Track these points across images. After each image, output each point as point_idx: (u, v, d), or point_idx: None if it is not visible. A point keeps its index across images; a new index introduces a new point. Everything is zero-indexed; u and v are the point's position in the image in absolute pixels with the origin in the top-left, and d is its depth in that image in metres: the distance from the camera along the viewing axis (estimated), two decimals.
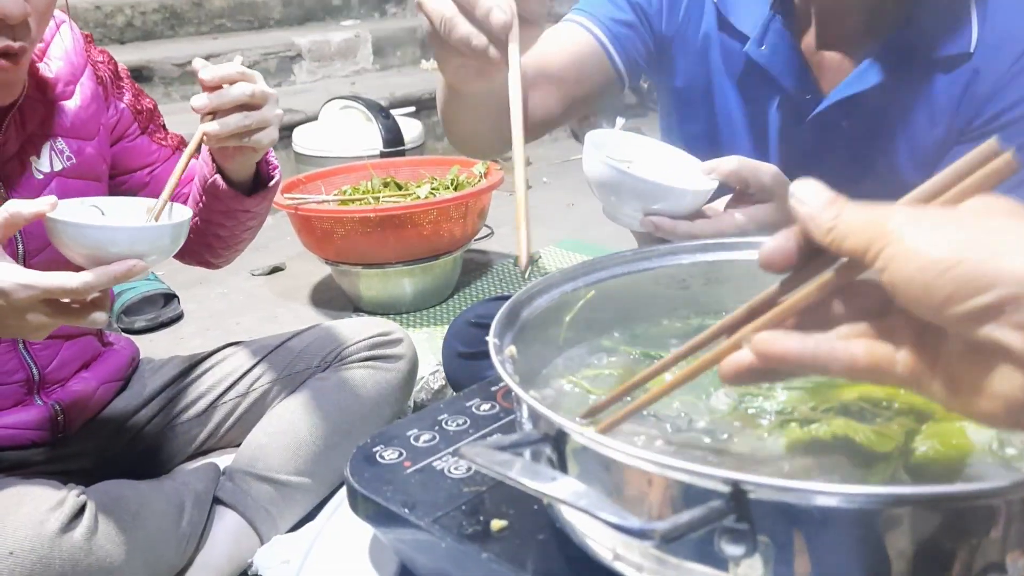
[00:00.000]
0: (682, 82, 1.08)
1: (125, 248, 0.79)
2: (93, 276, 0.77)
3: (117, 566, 0.93)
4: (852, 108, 0.95)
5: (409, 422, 0.72)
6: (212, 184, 1.06)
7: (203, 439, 1.25)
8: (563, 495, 0.39)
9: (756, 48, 0.98)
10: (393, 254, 2.02)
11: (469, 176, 2.20)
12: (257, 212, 1.12)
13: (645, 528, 0.38)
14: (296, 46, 3.69)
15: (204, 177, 1.08)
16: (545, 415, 0.47)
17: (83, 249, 0.79)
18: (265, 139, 0.97)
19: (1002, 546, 0.42)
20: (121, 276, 0.78)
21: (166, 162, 1.18)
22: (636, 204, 0.82)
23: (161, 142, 1.18)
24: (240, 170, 1.06)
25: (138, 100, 1.17)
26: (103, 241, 0.79)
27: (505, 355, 0.56)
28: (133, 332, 2.07)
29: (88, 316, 0.82)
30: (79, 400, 1.14)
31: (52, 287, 0.77)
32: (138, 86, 1.18)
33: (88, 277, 0.77)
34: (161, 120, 1.21)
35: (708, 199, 0.85)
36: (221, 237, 1.15)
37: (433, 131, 3.41)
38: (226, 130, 0.93)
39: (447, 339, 1.24)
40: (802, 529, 0.42)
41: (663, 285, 0.72)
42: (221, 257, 1.21)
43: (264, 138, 0.97)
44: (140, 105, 1.16)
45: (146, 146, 1.17)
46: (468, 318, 1.23)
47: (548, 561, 0.53)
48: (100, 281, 0.78)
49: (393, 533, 0.62)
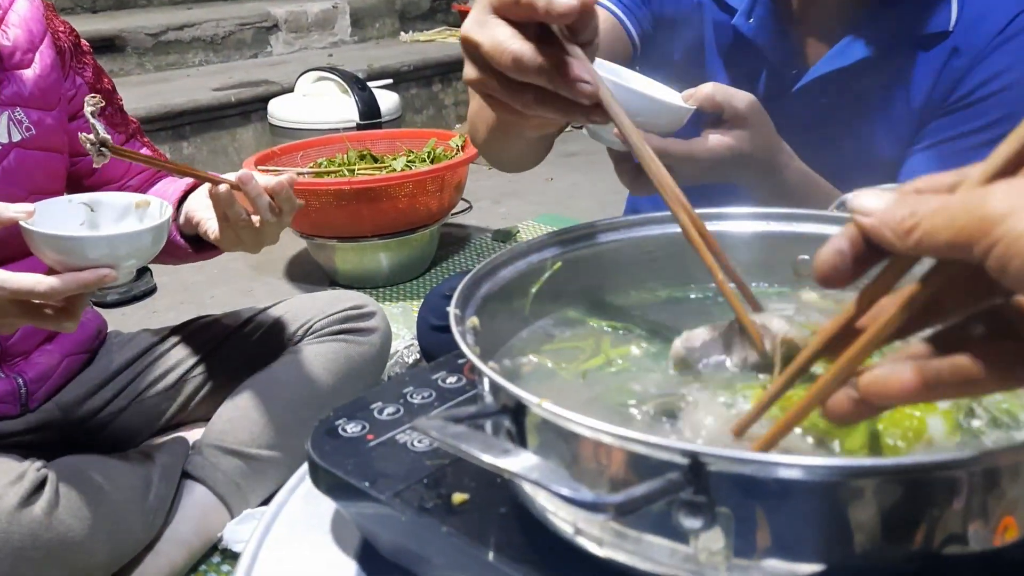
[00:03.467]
0: (678, 54, 1.09)
1: (104, 254, 0.79)
2: (60, 282, 0.78)
3: (79, 540, 0.92)
4: (834, 82, 0.97)
5: (373, 395, 0.70)
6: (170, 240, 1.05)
7: (172, 413, 1.24)
8: (515, 468, 0.38)
9: (744, 21, 0.99)
10: (369, 227, 2.00)
11: (446, 149, 2.17)
12: (205, 258, 1.13)
13: (598, 501, 0.37)
14: (272, 16, 3.62)
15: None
16: (504, 387, 0.46)
17: (58, 256, 0.79)
18: (233, 249, 0.96)
19: (964, 518, 0.41)
20: (91, 284, 0.78)
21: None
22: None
23: (117, 126, 1.15)
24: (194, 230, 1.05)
25: (98, 79, 1.13)
26: (77, 249, 0.79)
27: (466, 326, 0.55)
28: (105, 305, 2.04)
29: (60, 322, 0.83)
30: (43, 373, 1.12)
31: (20, 289, 0.77)
32: (99, 65, 1.15)
33: (55, 283, 0.78)
34: (119, 103, 1.17)
35: (686, 121, 0.84)
36: (166, 262, 1.15)
37: (411, 104, 3.37)
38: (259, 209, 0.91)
39: (421, 312, 1.24)
40: (763, 502, 0.41)
41: (631, 257, 0.70)
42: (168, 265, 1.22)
43: (233, 249, 0.96)
44: (99, 85, 1.13)
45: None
46: (443, 291, 1.23)
47: (509, 535, 0.52)
48: (67, 287, 0.78)
49: (354, 507, 0.61)
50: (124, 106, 1.19)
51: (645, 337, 0.64)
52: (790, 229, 0.70)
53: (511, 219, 2.59)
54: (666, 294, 0.71)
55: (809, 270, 0.70)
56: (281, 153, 2.20)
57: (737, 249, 0.71)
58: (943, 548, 0.42)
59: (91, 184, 1.14)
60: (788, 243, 0.70)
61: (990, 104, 0.93)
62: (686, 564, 0.43)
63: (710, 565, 0.42)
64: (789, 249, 0.70)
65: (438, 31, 4.22)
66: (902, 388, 0.36)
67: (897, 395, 0.37)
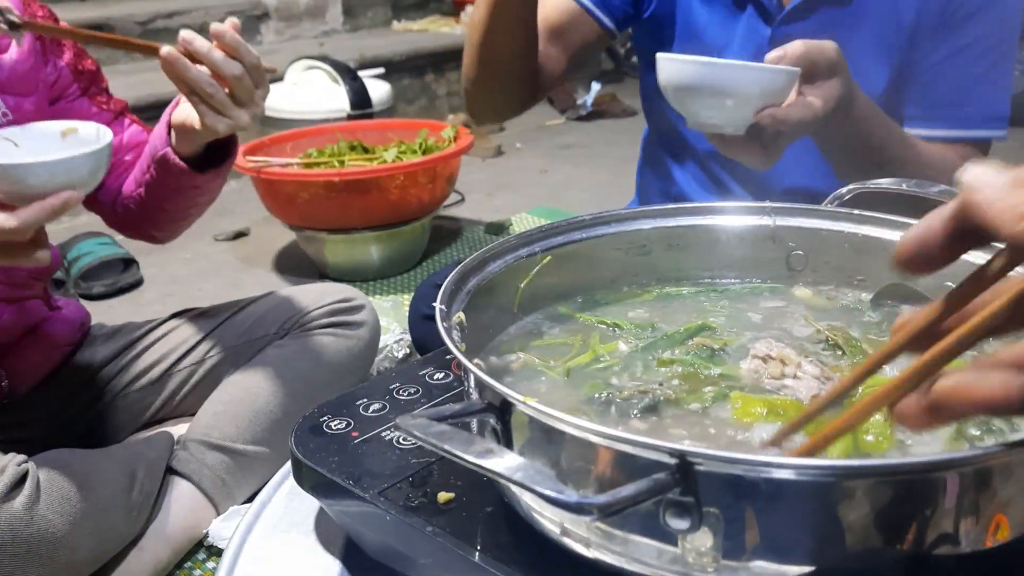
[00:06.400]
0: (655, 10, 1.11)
1: (45, 181, 0.76)
2: (30, 213, 0.76)
3: (61, 536, 0.90)
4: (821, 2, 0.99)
5: (359, 391, 0.69)
6: (163, 158, 1.02)
7: (157, 408, 1.22)
8: (498, 468, 0.37)
9: None
10: (359, 219, 1.98)
11: (438, 140, 2.15)
12: (208, 189, 1.08)
13: (583, 502, 0.36)
14: (263, 5, 3.58)
15: (155, 150, 1.03)
16: (489, 384, 0.45)
17: (3, 186, 0.77)
18: (220, 125, 0.93)
19: (955, 518, 0.41)
20: (59, 209, 0.77)
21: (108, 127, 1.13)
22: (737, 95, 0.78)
23: (102, 105, 1.13)
24: (195, 145, 1.01)
25: (79, 60, 1.11)
26: (19, 177, 0.76)
27: (452, 322, 0.54)
28: (91, 298, 2.02)
29: (31, 255, 0.80)
30: (25, 366, 1.10)
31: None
32: (81, 47, 1.13)
33: (25, 214, 0.76)
34: (104, 83, 1.15)
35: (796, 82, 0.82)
36: (167, 211, 1.11)
37: (403, 94, 3.34)
38: (184, 74, 0.88)
39: (414, 302, 1.24)
40: (752, 503, 0.40)
41: (623, 251, 0.70)
42: (166, 231, 1.17)
43: (219, 124, 0.92)
44: (81, 65, 1.11)
45: (86, 109, 1.11)
46: (436, 281, 1.22)
47: (495, 535, 0.51)
48: (39, 217, 0.76)
49: (339, 506, 0.60)
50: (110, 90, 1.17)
51: (635, 333, 0.63)
52: (783, 223, 0.69)
53: (504, 212, 2.57)
54: (659, 290, 0.70)
55: (802, 264, 0.70)
56: (270, 143, 2.18)
57: (730, 244, 0.70)
58: (934, 548, 0.41)
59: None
60: (781, 237, 0.69)
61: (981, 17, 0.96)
62: (674, 565, 0.42)
63: (698, 566, 0.41)
64: (782, 243, 0.69)
65: (431, 20, 4.18)
66: (986, 401, 0.33)
67: (980, 406, 0.34)
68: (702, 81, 0.78)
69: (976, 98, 1.02)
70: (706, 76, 0.78)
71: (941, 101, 1.02)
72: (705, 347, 0.59)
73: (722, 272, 0.71)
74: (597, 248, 0.69)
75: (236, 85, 0.90)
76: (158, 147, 1.02)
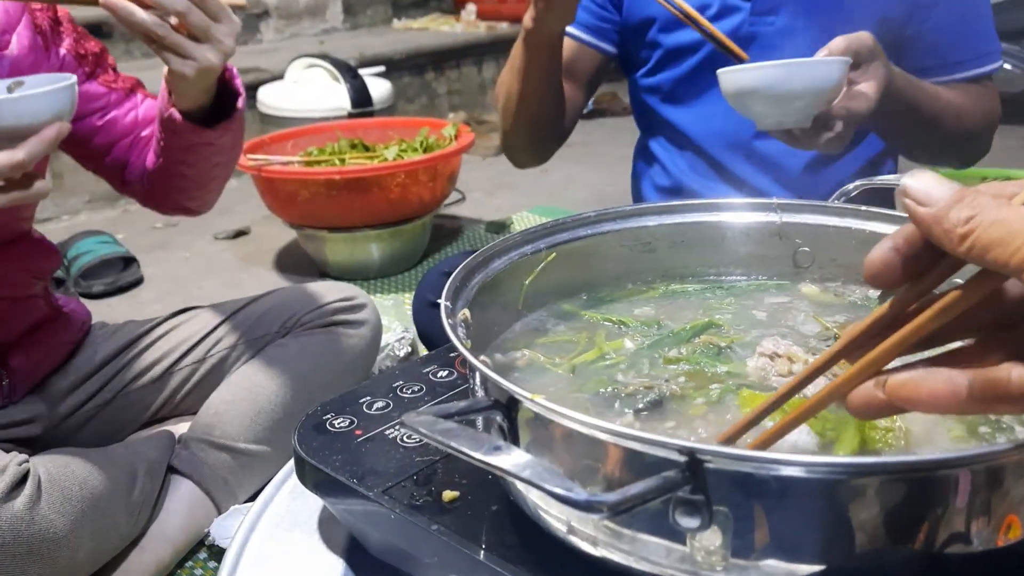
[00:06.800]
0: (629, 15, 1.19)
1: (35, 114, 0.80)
2: (33, 144, 0.79)
3: (62, 536, 0.90)
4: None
5: (362, 389, 0.69)
6: (169, 118, 1.01)
7: (158, 407, 1.22)
8: (506, 465, 0.37)
9: None
10: (360, 218, 1.98)
11: (439, 138, 2.15)
12: (221, 146, 1.06)
13: (592, 500, 0.35)
14: (263, 3, 3.58)
15: (161, 111, 1.03)
16: (495, 381, 0.45)
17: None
18: (187, 68, 0.91)
19: (966, 517, 0.40)
20: (52, 140, 0.80)
21: (120, 105, 1.13)
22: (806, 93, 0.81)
23: (111, 84, 1.12)
24: (189, 98, 1.00)
25: (80, 44, 1.10)
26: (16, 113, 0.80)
27: (457, 319, 0.53)
28: (91, 296, 2.01)
29: (32, 188, 0.83)
30: (26, 365, 1.10)
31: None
32: (82, 29, 1.12)
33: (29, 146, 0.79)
34: (111, 62, 1.15)
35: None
36: (187, 176, 1.10)
37: (404, 92, 3.34)
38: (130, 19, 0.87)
39: (419, 291, 1.25)
40: (762, 501, 0.40)
41: (628, 248, 0.69)
42: (196, 199, 1.16)
43: (185, 67, 0.91)
44: (83, 49, 1.10)
45: (94, 90, 1.11)
46: (443, 269, 1.24)
47: (501, 534, 0.50)
48: (40, 148, 0.79)
49: (342, 504, 0.59)
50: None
51: (640, 330, 0.63)
52: (790, 220, 0.69)
53: (505, 210, 2.57)
54: (664, 287, 0.69)
55: (809, 261, 0.69)
56: (271, 142, 2.17)
57: (736, 240, 0.70)
58: (945, 548, 0.40)
59: (100, 143, 1.13)
60: (788, 234, 0.69)
61: None
62: (682, 564, 0.42)
63: (707, 565, 0.41)
64: (789, 240, 0.69)
65: (431, 18, 4.18)
66: (932, 397, 0.35)
67: (926, 402, 0.35)
68: (769, 86, 0.81)
69: (966, 41, 1.08)
70: (773, 80, 0.80)
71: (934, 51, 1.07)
72: (712, 345, 0.59)
73: (728, 269, 0.70)
74: (602, 245, 0.68)
75: (186, 21, 0.88)
76: (163, 109, 1.02)
